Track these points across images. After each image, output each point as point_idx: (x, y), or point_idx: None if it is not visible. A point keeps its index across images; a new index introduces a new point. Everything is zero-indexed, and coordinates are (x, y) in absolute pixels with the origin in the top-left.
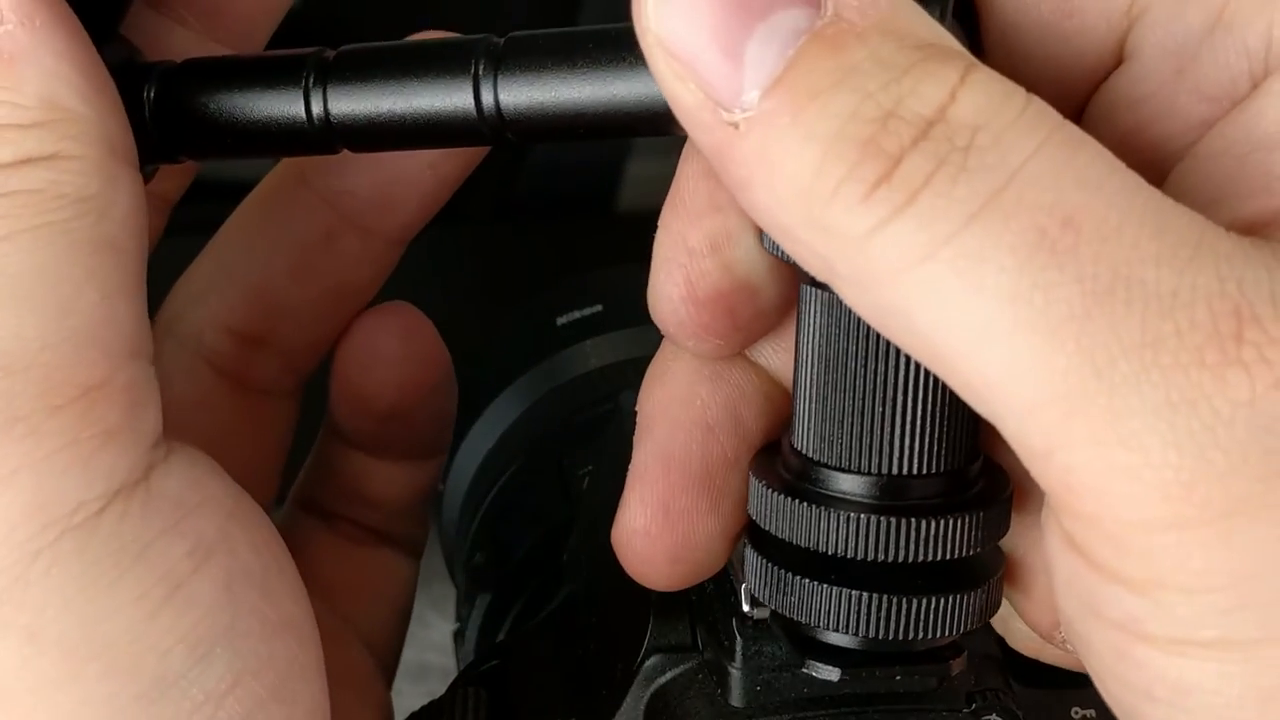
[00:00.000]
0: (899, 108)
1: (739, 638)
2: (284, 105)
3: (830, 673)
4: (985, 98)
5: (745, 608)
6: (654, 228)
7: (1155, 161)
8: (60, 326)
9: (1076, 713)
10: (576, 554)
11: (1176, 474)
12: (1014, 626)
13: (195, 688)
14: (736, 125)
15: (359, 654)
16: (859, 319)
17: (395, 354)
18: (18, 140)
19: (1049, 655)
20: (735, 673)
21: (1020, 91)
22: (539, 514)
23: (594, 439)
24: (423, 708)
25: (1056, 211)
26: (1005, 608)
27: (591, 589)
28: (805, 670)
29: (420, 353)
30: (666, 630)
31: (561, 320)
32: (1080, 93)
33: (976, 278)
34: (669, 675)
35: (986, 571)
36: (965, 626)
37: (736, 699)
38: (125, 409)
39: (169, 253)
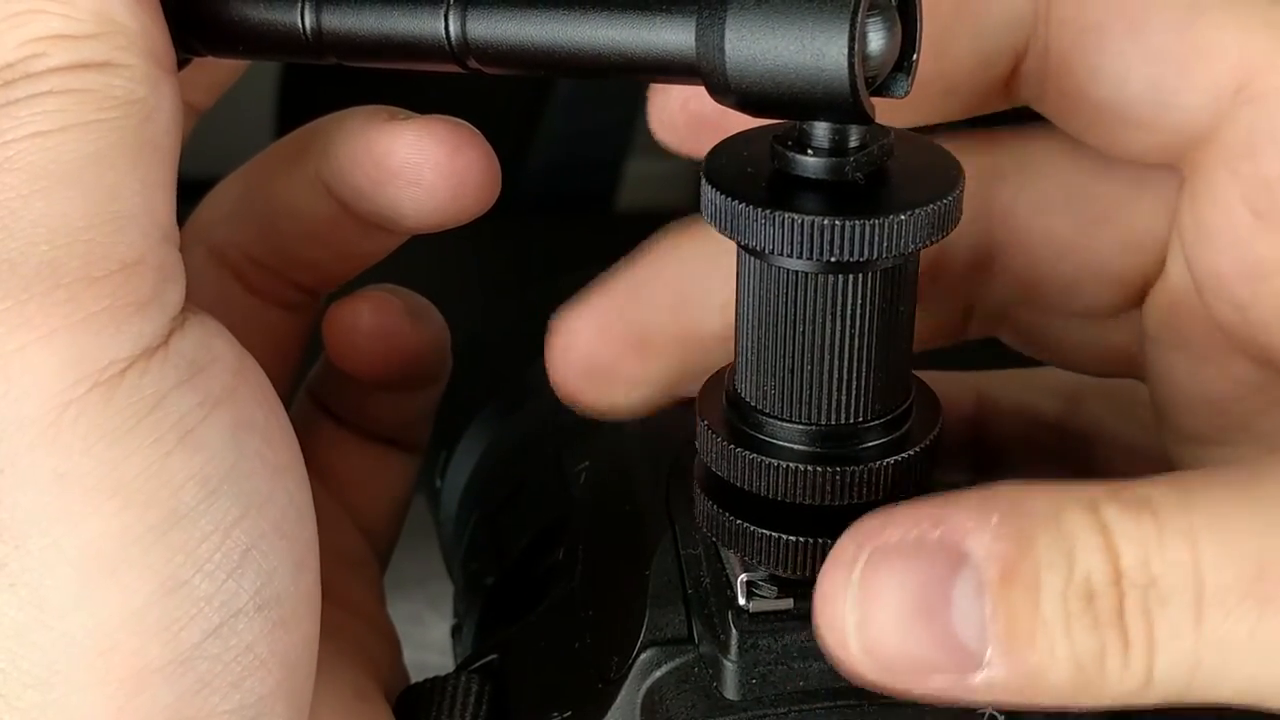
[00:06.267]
0: (1089, 599)
1: (735, 631)
2: (281, 12)
3: (771, 592)
4: (1132, 541)
5: (741, 601)
6: (654, 227)
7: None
8: (104, 210)
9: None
10: (573, 549)
11: None
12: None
13: (204, 520)
14: (987, 683)
15: (355, 538)
16: (788, 287)
17: (372, 343)
18: (74, 48)
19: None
20: (731, 666)
21: (1145, 505)
22: (536, 509)
23: (591, 435)
24: (426, 680)
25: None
26: None
27: (588, 583)
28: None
29: (397, 333)
30: (662, 623)
31: None
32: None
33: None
34: (665, 669)
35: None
36: None
37: (732, 692)
38: (156, 284)
39: None
